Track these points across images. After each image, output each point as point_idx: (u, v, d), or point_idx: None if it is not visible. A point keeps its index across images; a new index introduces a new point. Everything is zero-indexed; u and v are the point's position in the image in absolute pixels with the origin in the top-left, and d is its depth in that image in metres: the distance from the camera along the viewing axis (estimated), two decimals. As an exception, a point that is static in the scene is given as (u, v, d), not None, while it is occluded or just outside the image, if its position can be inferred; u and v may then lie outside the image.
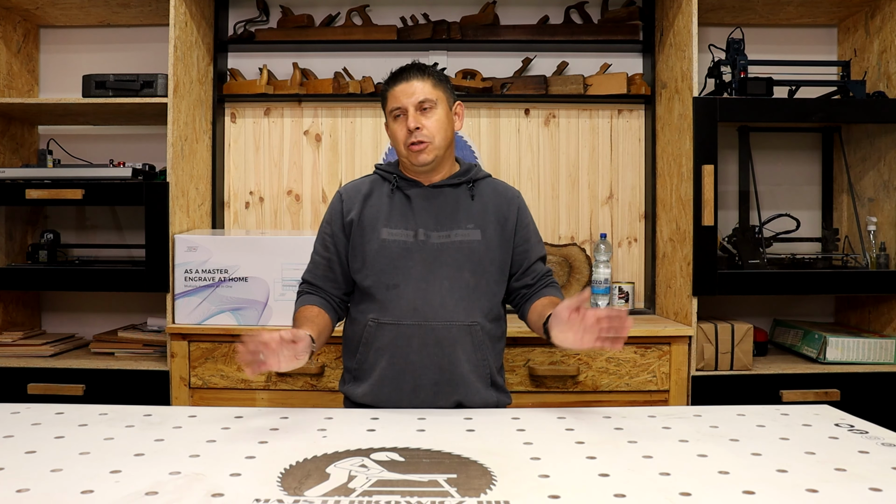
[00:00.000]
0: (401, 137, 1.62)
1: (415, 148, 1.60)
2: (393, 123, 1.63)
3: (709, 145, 2.26)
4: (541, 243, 1.73)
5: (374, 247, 1.61)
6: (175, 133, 2.34)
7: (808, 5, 2.56)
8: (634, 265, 2.77)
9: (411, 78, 1.61)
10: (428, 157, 1.61)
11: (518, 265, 1.68)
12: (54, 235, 2.56)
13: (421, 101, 1.60)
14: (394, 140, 1.65)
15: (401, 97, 1.60)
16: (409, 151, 1.61)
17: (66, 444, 1.22)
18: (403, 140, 1.61)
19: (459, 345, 1.58)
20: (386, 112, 1.66)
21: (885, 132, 2.44)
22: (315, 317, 1.59)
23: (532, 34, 2.72)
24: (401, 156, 1.66)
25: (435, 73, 1.65)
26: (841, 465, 1.14)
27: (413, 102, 1.60)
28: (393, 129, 1.64)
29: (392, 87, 1.63)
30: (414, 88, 1.60)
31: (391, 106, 1.63)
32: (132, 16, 2.68)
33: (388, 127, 1.66)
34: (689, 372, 2.25)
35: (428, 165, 1.62)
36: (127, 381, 2.29)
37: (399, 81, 1.62)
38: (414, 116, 1.59)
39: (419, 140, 1.59)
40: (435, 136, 1.60)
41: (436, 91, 1.62)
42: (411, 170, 1.66)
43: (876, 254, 2.40)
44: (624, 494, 1.01)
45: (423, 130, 1.59)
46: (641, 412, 1.47)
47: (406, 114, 1.60)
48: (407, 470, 1.11)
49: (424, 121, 1.60)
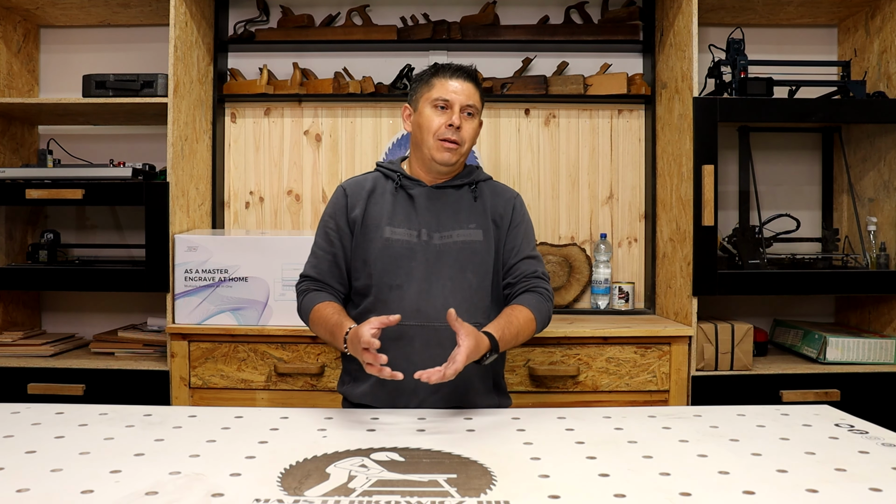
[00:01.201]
0: (435, 127, 1.59)
1: (447, 145, 1.59)
2: (431, 111, 1.61)
3: (709, 145, 2.26)
4: (531, 242, 1.70)
5: (378, 245, 1.60)
6: (175, 133, 2.34)
7: (809, 5, 2.56)
8: (634, 265, 2.77)
9: (468, 80, 1.63)
10: (453, 158, 1.61)
11: (504, 263, 1.66)
12: (54, 235, 2.56)
13: (469, 105, 1.61)
14: (424, 127, 1.61)
15: (454, 91, 1.60)
16: (440, 144, 1.59)
17: (66, 444, 1.22)
18: (438, 131, 1.59)
19: None
20: (422, 97, 1.63)
21: (886, 132, 2.44)
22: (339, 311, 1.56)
23: (532, 34, 2.72)
24: (424, 145, 1.62)
25: (481, 86, 1.67)
26: (841, 465, 1.14)
27: (463, 102, 1.60)
28: (429, 116, 1.60)
29: (447, 79, 1.62)
30: (467, 90, 1.61)
31: (438, 94, 1.60)
32: (132, 16, 2.68)
33: (419, 113, 1.63)
34: (689, 372, 2.25)
35: (449, 167, 1.62)
36: (127, 381, 2.29)
37: (457, 77, 1.62)
38: (459, 116, 1.60)
39: (454, 139, 1.59)
40: (466, 142, 1.62)
41: (479, 103, 1.65)
42: (422, 166, 1.65)
43: (876, 254, 2.40)
44: (624, 494, 1.01)
45: (461, 132, 1.60)
46: (641, 412, 1.47)
47: (451, 108, 1.60)
48: (407, 470, 1.11)
49: (465, 124, 1.61)
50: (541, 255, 1.70)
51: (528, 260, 1.66)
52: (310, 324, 1.62)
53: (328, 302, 1.59)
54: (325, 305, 1.58)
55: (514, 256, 1.65)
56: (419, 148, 1.64)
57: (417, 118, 1.63)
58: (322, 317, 1.55)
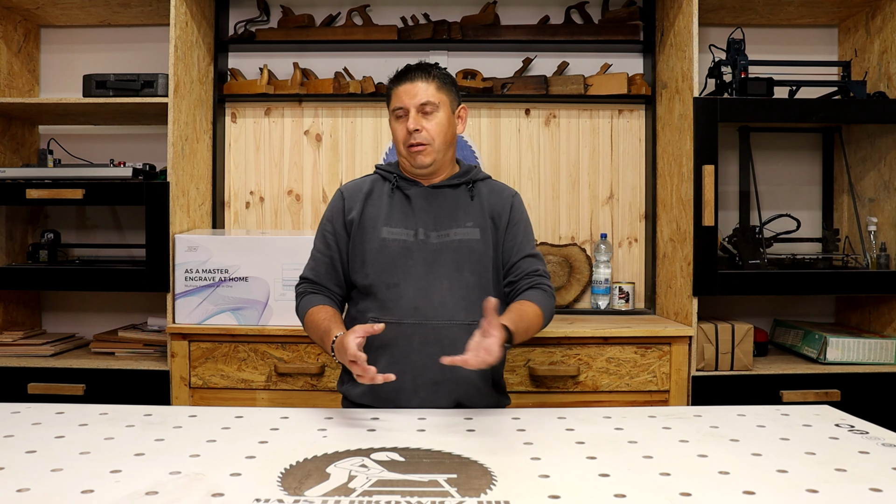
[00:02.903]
0: (401, 137, 1.62)
1: (413, 149, 1.60)
2: (394, 122, 1.64)
3: (709, 145, 2.26)
4: (531, 241, 1.70)
5: (375, 246, 1.61)
6: (175, 133, 2.34)
7: (809, 5, 2.56)
8: (635, 265, 2.77)
9: (416, 79, 1.61)
10: (426, 159, 1.61)
11: (504, 262, 1.66)
12: (55, 235, 2.56)
13: (423, 102, 1.60)
14: (395, 140, 1.66)
15: (403, 97, 1.61)
16: (409, 152, 1.61)
17: (67, 444, 1.22)
18: (403, 140, 1.62)
19: (460, 344, 1.57)
20: (389, 110, 1.66)
21: (886, 132, 2.44)
22: (333, 316, 1.57)
23: (532, 34, 2.72)
24: (400, 156, 1.66)
25: (440, 76, 1.65)
26: (841, 465, 1.14)
27: (415, 104, 1.60)
28: (394, 128, 1.64)
29: (396, 86, 1.63)
30: (417, 89, 1.60)
31: (394, 105, 1.63)
32: (133, 15, 2.68)
33: (390, 126, 1.67)
34: (689, 372, 2.25)
35: (426, 168, 1.62)
36: (127, 381, 2.29)
37: (403, 81, 1.62)
38: (415, 118, 1.59)
39: (418, 142, 1.59)
40: (435, 138, 1.60)
41: (439, 94, 1.62)
42: (410, 170, 1.66)
43: (876, 254, 2.40)
44: (624, 494, 1.01)
45: (422, 132, 1.59)
46: (642, 412, 1.47)
47: (407, 114, 1.60)
48: (407, 470, 1.11)
49: (425, 123, 1.60)
50: (541, 254, 1.71)
51: (529, 258, 1.66)
52: (304, 327, 1.64)
53: (322, 306, 1.60)
54: (318, 310, 1.59)
55: (515, 254, 1.66)
56: (399, 158, 1.68)
57: (390, 131, 1.68)
58: (314, 322, 1.57)
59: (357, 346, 1.35)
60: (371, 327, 1.38)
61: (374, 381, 1.34)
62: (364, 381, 1.36)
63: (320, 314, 1.57)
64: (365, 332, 1.38)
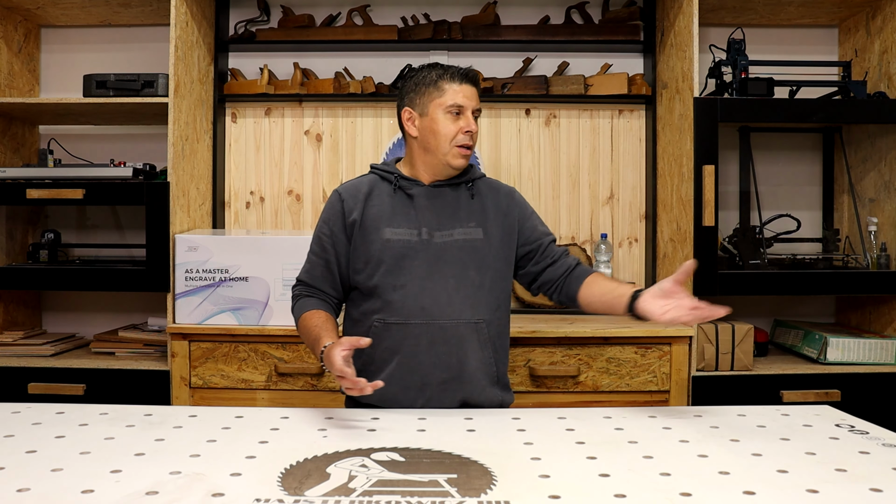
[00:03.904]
0: (451, 134, 1.60)
1: (464, 151, 1.61)
2: (444, 117, 1.60)
3: (709, 145, 2.26)
4: (548, 228, 1.75)
5: (378, 247, 1.60)
6: (176, 133, 2.34)
7: (809, 6, 2.55)
8: (635, 265, 2.77)
9: (474, 84, 1.64)
10: (466, 162, 1.64)
11: (535, 250, 1.68)
12: (55, 235, 2.57)
13: (477, 108, 1.63)
14: (441, 135, 1.60)
15: (465, 97, 1.61)
16: (458, 151, 1.60)
17: (67, 444, 1.22)
18: (453, 137, 1.60)
19: (467, 342, 1.58)
20: (431, 102, 1.61)
21: (886, 132, 2.44)
22: (325, 322, 1.56)
23: (533, 34, 2.72)
24: (439, 151, 1.61)
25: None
26: (841, 465, 1.14)
27: (473, 107, 1.62)
28: (444, 123, 1.60)
29: (459, 84, 1.61)
30: (474, 94, 1.63)
31: (452, 100, 1.60)
32: (133, 15, 2.68)
33: (431, 118, 1.61)
34: (689, 372, 2.25)
35: (460, 170, 1.64)
36: (127, 381, 2.29)
37: (464, 81, 1.62)
38: (471, 120, 1.61)
39: (468, 144, 1.61)
40: (475, 144, 1.65)
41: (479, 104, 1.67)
42: (429, 170, 1.64)
43: (877, 254, 2.40)
44: (624, 495, 1.01)
45: (474, 136, 1.62)
46: (642, 412, 1.47)
47: (465, 114, 1.61)
48: (407, 470, 1.11)
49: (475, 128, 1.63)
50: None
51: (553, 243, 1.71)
52: (298, 331, 1.65)
53: (315, 311, 1.60)
54: (311, 315, 1.59)
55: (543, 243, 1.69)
56: (431, 153, 1.63)
57: (429, 124, 1.61)
58: (306, 328, 1.58)
59: (343, 359, 1.35)
60: (357, 341, 1.38)
61: (364, 392, 1.33)
62: (353, 394, 1.36)
63: (312, 320, 1.57)
64: (351, 346, 1.37)
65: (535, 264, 1.68)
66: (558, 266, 1.67)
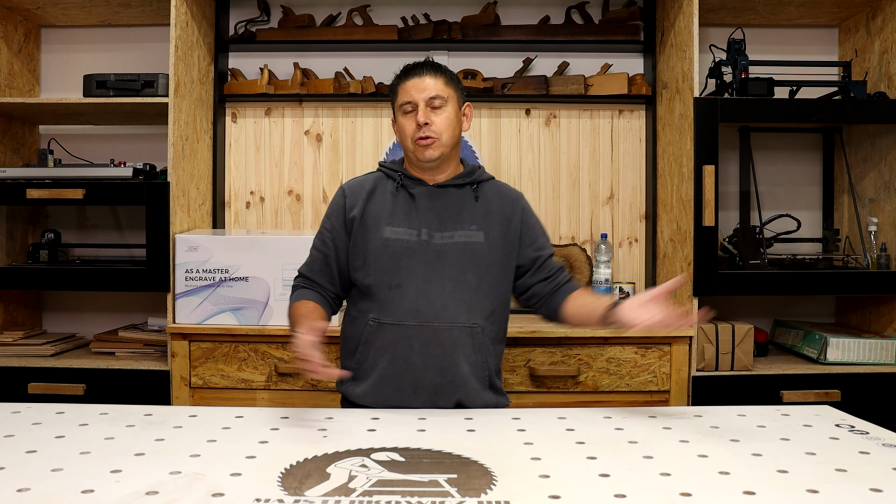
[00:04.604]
0: (409, 132, 1.61)
1: (422, 143, 1.59)
2: (402, 118, 1.63)
3: (710, 145, 2.26)
4: (549, 241, 1.74)
5: (377, 245, 1.60)
6: (176, 133, 2.34)
7: (809, 6, 2.55)
8: (635, 265, 2.77)
9: (424, 74, 1.62)
10: (434, 153, 1.60)
11: (532, 262, 1.67)
12: (55, 235, 2.57)
13: (432, 97, 1.60)
14: (401, 135, 1.64)
15: (412, 91, 1.60)
16: (416, 146, 1.60)
17: (67, 444, 1.22)
18: (411, 135, 1.60)
19: (460, 346, 1.57)
20: (395, 106, 1.65)
21: (886, 133, 2.44)
22: (311, 312, 1.57)
23: (533, 34, 2.72)
24: (407, 151, 1.65)
25: (447, 72, 1.66)
26: (841, 465, 1.14)
27: (424, 98, 1.60)
28: (402, 123, 1.63)
29: (404, 82, 1.63)
30: (426, 84, 1.60)
31: (402, 100, 1.62)
32: (133, 15, 2.68)
33: (396, 122, 1.65)
34: (689, 372, 2.25)
35: (433, 162, 1.61)
36: (127, 381, 2.29)
37: (411, 76, 1.62)
38: (424, 112, 1.59)
39: (427, 136, 1.59)
40: (443, 133, 1.60)
41: (447, 89, 1.62)
42: (417, 167, 1.65)
43: (877, 254, 2.40)
44: (624, 495, 1.01)
45: (431, 126, 1.59)
46: (642, 412, 1.47)
47: (416, 108, 1.60)
48: (407, 470, 1.11)
49: (434, 117, 1.60)
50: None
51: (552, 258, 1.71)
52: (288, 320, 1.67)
53: (305, 301, 1.62)
54: (300, 304, 1.61)
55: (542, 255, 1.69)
56: (406, 153, 1.67)
57: (397, 128, 1.66)
58: (292, 315, 1.60)
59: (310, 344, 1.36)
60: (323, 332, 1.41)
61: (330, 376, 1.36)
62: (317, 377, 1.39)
63: (300, 309, 1.59)
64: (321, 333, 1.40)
65: (530, 276, 1.68)
66: (549, 282, 1.67)
